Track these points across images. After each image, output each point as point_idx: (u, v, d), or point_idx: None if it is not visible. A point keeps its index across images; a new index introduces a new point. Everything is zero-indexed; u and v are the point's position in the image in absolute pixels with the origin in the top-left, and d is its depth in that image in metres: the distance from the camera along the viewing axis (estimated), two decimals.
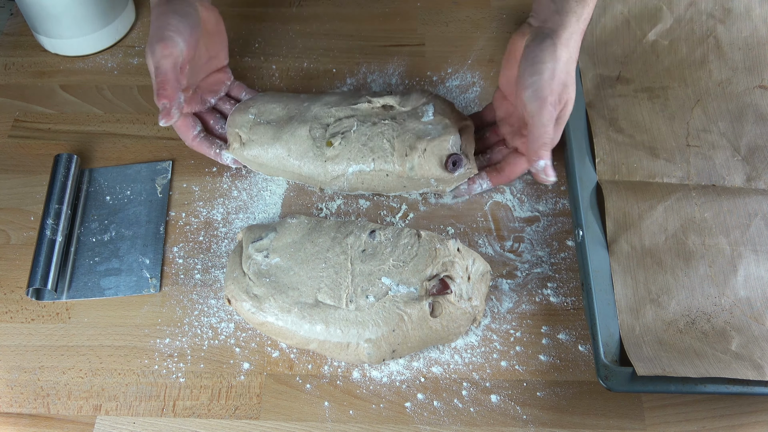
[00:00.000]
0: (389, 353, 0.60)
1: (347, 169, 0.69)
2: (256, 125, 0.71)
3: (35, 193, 0.73)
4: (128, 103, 0.81)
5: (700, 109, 0.75)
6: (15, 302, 0.67)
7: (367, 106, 0.72)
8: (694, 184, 0.70)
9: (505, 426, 0.60)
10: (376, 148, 0.69)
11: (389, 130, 0.69)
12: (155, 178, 0.74)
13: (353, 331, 0.59)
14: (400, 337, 0.59)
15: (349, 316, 0.59)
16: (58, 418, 0.60)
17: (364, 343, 0.59)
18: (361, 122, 0.70)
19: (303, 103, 0.73)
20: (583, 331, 0.65)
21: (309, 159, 0.69)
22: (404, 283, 0.61)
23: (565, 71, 0.61)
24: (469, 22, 0.89)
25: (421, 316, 0.59)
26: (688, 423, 0.60)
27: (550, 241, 0.70)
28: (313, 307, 0.60)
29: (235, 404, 0.61)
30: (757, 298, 0.63)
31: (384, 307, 0.60)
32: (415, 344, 0.60)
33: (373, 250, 0.63)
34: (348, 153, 0.69)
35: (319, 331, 0.60)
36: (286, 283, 0.62)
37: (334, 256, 0.63)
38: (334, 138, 0.69)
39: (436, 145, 0.68)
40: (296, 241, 0.64)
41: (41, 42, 0.84)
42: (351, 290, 0.60)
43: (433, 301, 0.60)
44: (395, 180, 0.69)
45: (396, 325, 0.59)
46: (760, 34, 0.78)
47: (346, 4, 0.90)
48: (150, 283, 0.67)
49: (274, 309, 0.61)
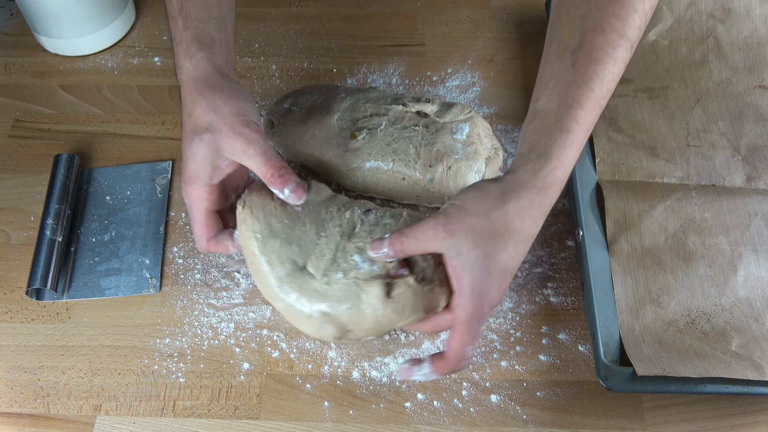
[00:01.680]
0: (343, 331, 0.57)
1: (365, 164, 0.68)
2: (289, 112, 0.72)
3: (35, 193, 0.73)
4: (128, 103, 0.81)
5: (700, 109, 0.75)
6: (15, 302, 0.67)
7: (401, 109, 0.70)
8: (694, 184, 0.70)
9: (505, 426, 0.60)
10: (400, 150, 0.68)
11: (417, 136, 0.68)
12: (155, 178, 0.74)
13: (317, 304, 0.57)
14: (356, 316, 0.57)
15: (318, 288, 0.57)
16: (58, 418, 0.60)
17: (322, 318, 0.57)
18: (391, 123, 0.69)
19: (339, 94, 0.73)
20: (583, 331, 0.65)
21: (331, 147, 0.69)
22: (370, 261, 0.58)
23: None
24: (469, 22, 0.89)
25: (377, 295, 0.56)
26: (688, 423, 0.60)
27: (550, 241, 0.70)
28: (298, 271, 0.58)
29: (235, 404, 0.61)
30: (757, 298, 0.63)
31: (347, 283, 0.57)
32: (371, 326, 0.57)
33: (361, 228, 0.61)
34: (370, 148, 0.68)
35: (292, 296, 0.57)
36: (295, 234, 0.60)
37: (331, 227, 0.61)
38: (359, 132, 0.69)
39: (463, 166, 0.67)
40: (318, 202, 0.62)
41: (41, 42, 0.84)
42: (329, 264, 0.58)
43: (391, 281, 0.56)
44: (411, 186, 0.69)
45: (353, 302, 0.56)
46: (760, 34, 0.78)
47: (346, 4, 0.90)
48: (150, 283, 0.67)
49: (274, 249, 0.58)
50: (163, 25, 0.88)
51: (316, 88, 0.76)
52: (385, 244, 0.55)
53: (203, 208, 0.58)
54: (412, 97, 0.73)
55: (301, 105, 0.73)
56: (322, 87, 0.76)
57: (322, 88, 0.76)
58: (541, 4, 0.86)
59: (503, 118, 0.79)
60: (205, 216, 0.58)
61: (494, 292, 0.52)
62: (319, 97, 0.74)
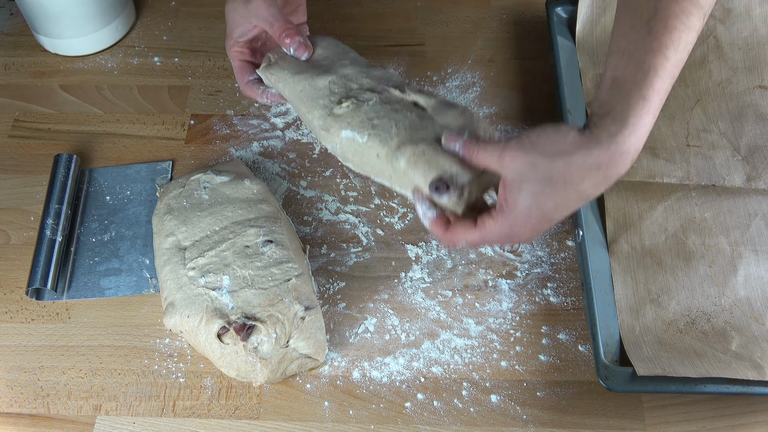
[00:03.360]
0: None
1: (341, 131, 0.65)
2: (291, 57, 0.71)
3: (35, 193, 0.73)
4: (128, 103, 0.81)
5: (700, 109, 0.75)
6: (15, 302, 0.67)
7: (397, 94, 0.67)
8: (694, 184, 0.70)
9: (505, 426, 0.60)
10: (380, 126, 0.63)
11: (403, 119, 0.63)
12: (155, 178, 0.74)
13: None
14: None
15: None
16: (58, 418, 0.60)
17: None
18: (382, 102, 0.66)
19: (345, 59, 0.71)
20: (583, 331, 0.65)
21: (317, 105, 0.67)
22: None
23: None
24: (469, 22, 0.89)
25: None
26: (688, 423, 0.60)
27: (550, 241, 0.70)
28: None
29: (235, 404, 0.61)
30: (757, 298, 0.63)
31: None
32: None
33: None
34: (350, 118, 0.65)
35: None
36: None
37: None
38: (347, 99, 0.68)
39: (433, 160, 0.58)
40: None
41: (41, 42, 0.84)
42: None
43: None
44: (383, 165, 0.63)
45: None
46: (760, 34, 0.78)
47: (346, 4, 0.90)
48: (150, 283, 0.67)
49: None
50: (163, 25, 0.88)
51: (328, 43, 0.73)
52: (459, 142, 0.57)
53: (236, 58, 0.70)
54: (414, 87, 0.68)
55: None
56: (333, 44, 0.74)
57: (333, 45, 0.73)
58: (541, 4, 0.86)
59: (503, 118, 0.79)
60: (238, 65, 0.71)
61: (526, 231, 0.53)
62: (325, 54, 0.72)
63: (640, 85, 0.52)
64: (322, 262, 0.69)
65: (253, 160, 0.76)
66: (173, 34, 0.87)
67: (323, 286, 0.67)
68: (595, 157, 0.50)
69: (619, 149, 0.50)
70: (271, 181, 0.74)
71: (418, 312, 0.66)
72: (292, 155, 0.76)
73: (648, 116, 0.51)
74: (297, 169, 0.75)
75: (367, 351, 0.63)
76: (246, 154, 0.76)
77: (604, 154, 0.50)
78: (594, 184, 0.51)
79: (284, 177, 0.75)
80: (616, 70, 0.53)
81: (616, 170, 0.51)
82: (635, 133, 0.51)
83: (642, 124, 0.51)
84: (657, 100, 0.52)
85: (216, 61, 0.84)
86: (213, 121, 0.79)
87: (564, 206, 0.52)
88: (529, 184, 0.51)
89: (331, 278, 0.68)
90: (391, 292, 0.67)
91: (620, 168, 0.51)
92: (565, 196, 0.51)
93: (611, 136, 0.50)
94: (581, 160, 0.50)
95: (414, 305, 0.66)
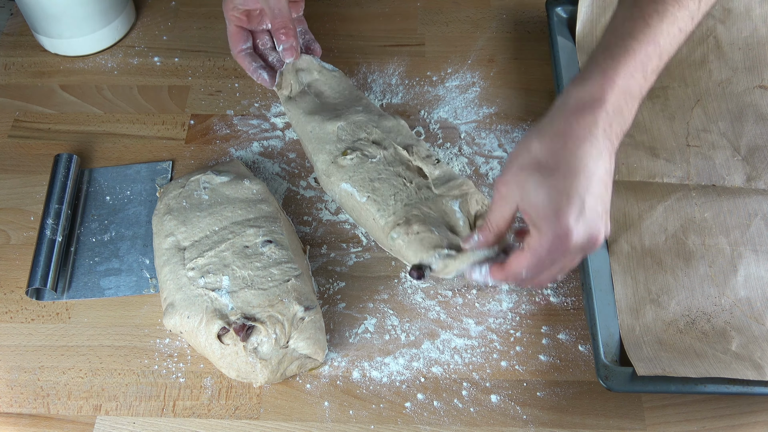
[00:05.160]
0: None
1: (341, 183, 0.67)
2: (305, 94, 0.74)
3: (35, 193, 0.73)
4: (128, 103, 0.81)
5: (700, 109, 0.75)
6: (15, 302, 0.67)
7: (404, 155, 0.68)
8: (694, 184, 0.70)
9: (505, 426, 0.60)
10: (379, 191, 0.65)
11: (403, 190, 0.66)
12: (155, 178, 0.74)
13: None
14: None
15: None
16: (58, 418, 0.60)
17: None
18: (387, 161, 0.67)
19: (359, 105, 0.73)
20: (583, 331, 0.65)
21: (322, 150, 0.69)
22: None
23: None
24: (469, 22, 0.89)
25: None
26: (688, 423, 0.60)
27: None
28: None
29: (235, 404, 0.61)
30: (757, 298, 0.63)
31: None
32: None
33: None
34: (352, 172, 0.67)
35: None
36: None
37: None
38: (352, 152, 0.68)
39: (425, 240, 0.61)
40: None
41: (41, 42, 0.84)
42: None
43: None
44: (378, 233, 0.66)
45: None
46: (760, 34, 0.78)
47: (346, 4, 0.90)
48: (150, 283, 0.67)
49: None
50: (163, 25, 0.88)
51: (345, 86, 0.75)
52: (474, 235, 0.58)
53: (232, 22, 0.73)
54: (421, 154, 0.68)
55: (321, 87, 0.75)
56: (350, 87, 0.76)
57: (350, 88, 0.75)
58: (541, 4, 0.86)
59: (503, 118, 0.79)
60: (234, 30, 0.74)
61: (568, 222, 0.49)
62: (339, 98, 0.74)
63: (613, 47, 0.52)
64: (322, 262, 0.69)
65: (253, 160, 0.76)
66: (173, 34, 0.87)
67: (323, 286, 0.67)
68: (559, 120, 0.51)
69: (609, 83, 0.50)
70: (271, 181, 0.74)
71: (418, 312, 0.66)
72: (292, 155, 0.76)
73: (618, 76, 0.51)
74: (297, 169, 0.75)
75: (367, 351, 0.63)
76: (246, 154, 0.76)
77: (567, 114, 0.50)
78: (593, 143, 0.49)
79: (284, 177, 0.75)
80: (602, 41, 0.55)
81: (585, 123, 0.50)
82: (601, 86, 0.51)
83: (609, 78, 0.51)
84: (632, 62, 0.52)
85: (216, 61, 0.84)
86: (213, 121, 0.79)
87: (575, 175, 0.49)
88: (531, 178, 0.50)
89: (330, 278, 0.68)
90: (391, 292, 0.67)
91: (593, 118, 0.50)
92: (567, 161, 0.49)
93: (568, 92, 0.52)
94: (573, 96, 0.51)
95: (414, 305, 0.66)
